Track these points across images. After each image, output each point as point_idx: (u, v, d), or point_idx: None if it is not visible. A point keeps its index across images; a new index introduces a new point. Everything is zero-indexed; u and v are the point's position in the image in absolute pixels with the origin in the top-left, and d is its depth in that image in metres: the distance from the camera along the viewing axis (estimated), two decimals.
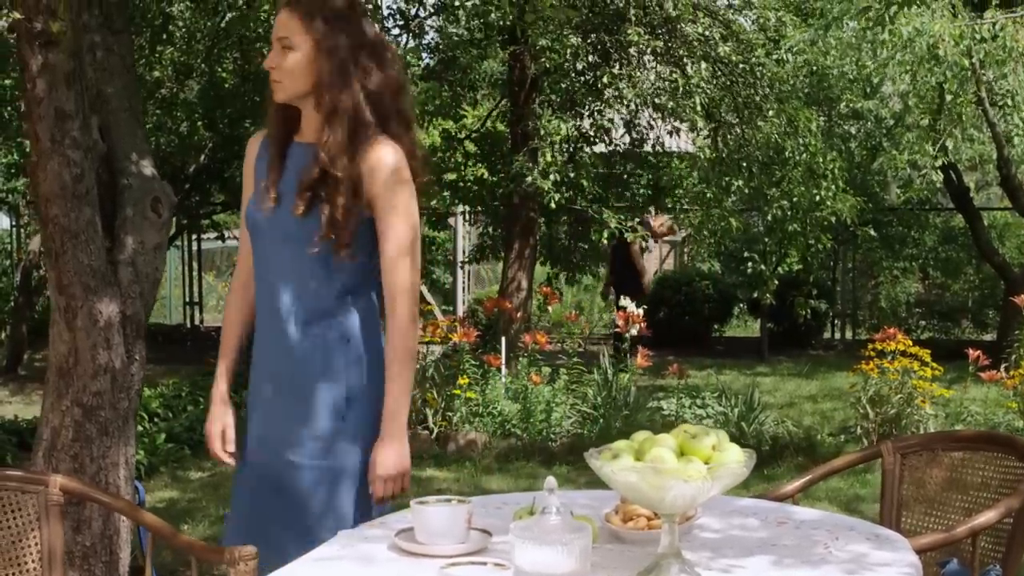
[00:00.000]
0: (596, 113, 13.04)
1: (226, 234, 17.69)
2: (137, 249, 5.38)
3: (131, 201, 5.43)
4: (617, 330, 10.58)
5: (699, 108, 10.10)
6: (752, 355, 15.97)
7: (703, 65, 9.91)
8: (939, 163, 10.38)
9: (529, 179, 10.63)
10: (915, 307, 18.40)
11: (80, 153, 5.11)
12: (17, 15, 4.93)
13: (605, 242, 12.75)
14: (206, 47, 13.51)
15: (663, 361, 12.86)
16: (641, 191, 14.14)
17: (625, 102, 11.02)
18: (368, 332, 3.36)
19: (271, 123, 3.45)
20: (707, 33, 10.08)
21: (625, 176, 13.61)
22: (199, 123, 14.71)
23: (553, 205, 10.78)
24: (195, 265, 18.72)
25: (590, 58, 11.63)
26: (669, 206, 14.03)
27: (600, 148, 13.79)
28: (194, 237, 18.16)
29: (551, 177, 10.64)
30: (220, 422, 3.50)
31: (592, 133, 12.65)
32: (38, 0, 4.97)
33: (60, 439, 5.21)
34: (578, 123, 12.19)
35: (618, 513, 2.81)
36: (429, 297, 16.62)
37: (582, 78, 12.44)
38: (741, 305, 18.35)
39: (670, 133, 12.68)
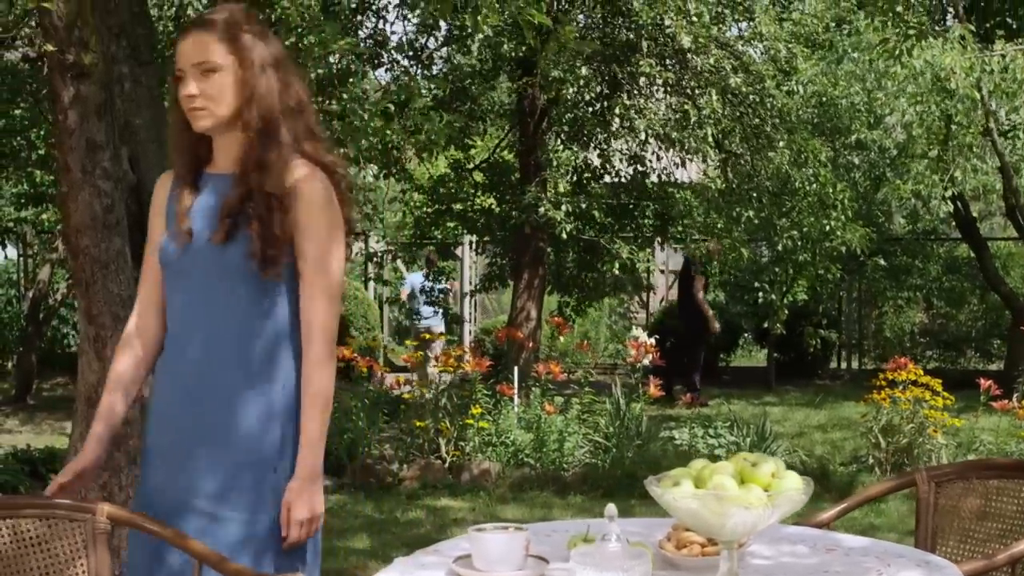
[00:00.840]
0: (603, 143, 13.14)
1: None
2: None
3: None
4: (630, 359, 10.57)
5: (710, 139, 10.17)
6: (759, 385, 16.00)
7: (714, 96, 9.98)
8: (948, 193, 10.43)
9: (542, 209, 10.69)
10: (919, 337, 18.44)
11: (111, 184, 5.17)
12: (50, 47, 4.98)
13: (616, 272, 12.79)
14: None
15: (672, 391, 12.94)
16: (647, 222, 14.18)
17: (636, 133, 11.08)
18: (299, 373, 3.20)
19: (178, 156, 3.29)
20: (718, 64, 10.16)
21: (631, 206, 13.65)
22: None
23: (565, 236, 10.84)
24: None
25: (599, 89, 11.74)
26: (677, 237, 14.07)
27: (606, 179, 13.89)
28: None
29: (563, 208, 10.70)
30: (78, 463, 3.30)
31: (600, 164, 12.72)
32: (70, 32, 5.02)
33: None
34: (587, 154, 12.26)
35: (671, 540, 2.84)
36: (442, 327, 16.68)
37: (590, 108, 12.54)
38: (746, 335, 18.40)
39: (676, 164, 12.79)
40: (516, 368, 10.54)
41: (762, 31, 10.03)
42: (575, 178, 12.30)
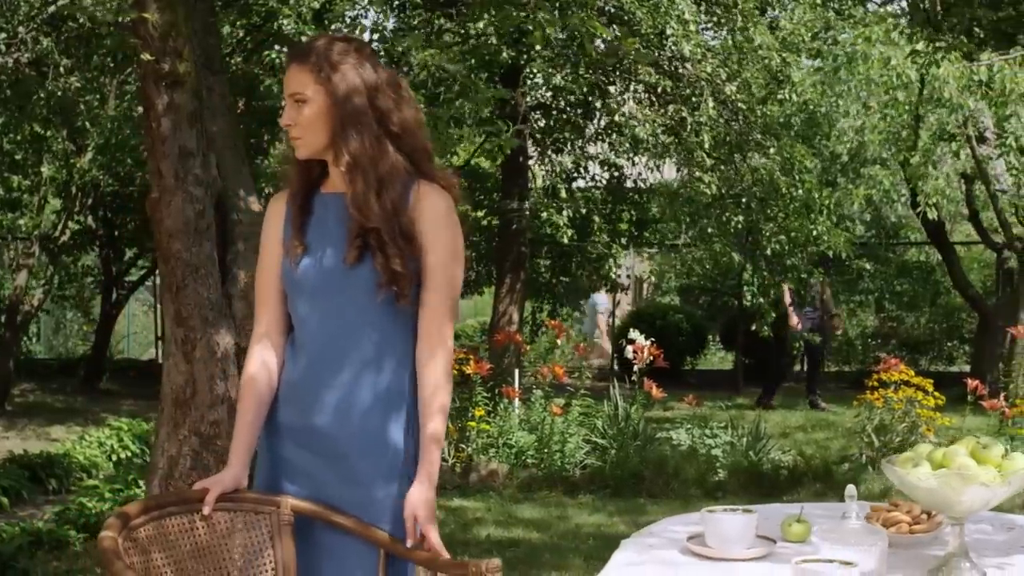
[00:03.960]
0: (582, 148, 13.36)
1: None
2: (249, 283, 5.52)
3: (242, 236, 5.59)
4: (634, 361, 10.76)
5: (706, 145, 10.40)
6: (726, 388, 16.24)
7: (711, 104, 10.21)
8: (934, 200, 10.75)
9: (544, 215, 10.87)
10: (872, 340, 18.80)
11: (201, 190, 5.30)
12: (147, 56, 5.09)
13: (614, 276, 13.01)
14: None
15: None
16: (623, 226, 14.42)
17: (631, 139, 11.27)
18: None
19: (292, 178, 3.37)
20: (714, 73, 10.38)
21: (615, 210, 13.89)
22: None
23: (566, 240, 11.02)
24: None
25: (585, 95, 11.94)
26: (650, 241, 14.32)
27: (579, 183, 14.12)
28: None
29: (564, 213, 10.89)
30: (231, 482, 3.36)
31: (586, 168, 12.93)
32: (164, 42, 5.14)
33: (177, 468, 5.37)
34: (577, 160, 12.46)
35: (877, 520, 3.03)
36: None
37: (573, 112, 12.74)
38: (708, 338, 18.71)
39: (651, 169, 13.05)
40: (517, 371, 10.72)
41: (757, 40, 10.26)
42: (568, 183, 12.50)
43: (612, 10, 10.73)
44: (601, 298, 18.09)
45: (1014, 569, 2.82)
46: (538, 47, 10.41)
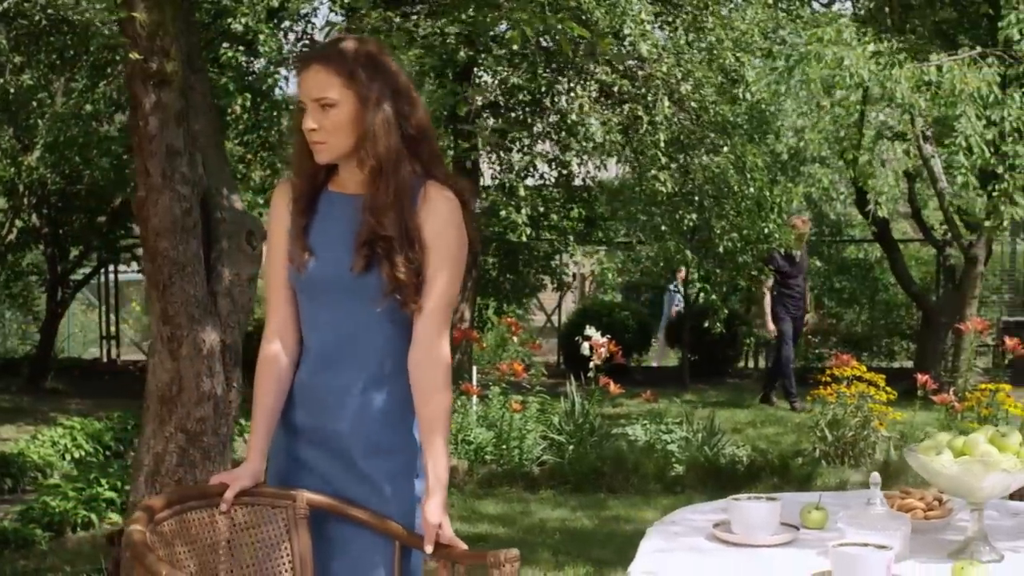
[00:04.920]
0: (528, 148, 13.44)
1: None
2: (233, 280, 5.57)
3: (226, 234, 5.61)
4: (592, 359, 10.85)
5: (662, 144, 10.51)
6: (673, 384, 16.32)
7: (666, 103, 10.33)
8: (881, 198, 10.92)
9: (503, 213, 10.93)
10: (814, 336, 19.00)
11: (188, 188, 5.32)
12: (135, 55, 5.11)
13: (570, 277, 13.13)
14: None
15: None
16: (570, 224, 14.52)
17: (583, 136, 11.36)
18: None
19: (300, 180, 3.34)
20: (670, 72, 10.50)
21: (562, 207, 14.00)
22: (124, 157, 14.66)
23: (524, 238, 11.07)
24: (113, 299, 18.58)
25: (539, 93, 12.04)
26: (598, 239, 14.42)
27: (529, 181, 14.21)
28: (111, 269, 17.95)
29: (523, 211, 10.96)
30: (250, 478, 3.42)
31: (536, 168, 13.02)
32: (152, 41, 5.16)
33: (164, 465, 5.39)
34: (532, 158, 12.53)
35: (893, 507, 3.14)
36: None
37: (521, 111, 12.83)
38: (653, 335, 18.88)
39: (598, 168, 13.16)
40: (475, 368, 10.79)
41: (714, 38, 10.39)
42: (522, 180, 12.57)
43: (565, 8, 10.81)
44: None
45: None
46: (509, 47, 10.51)
